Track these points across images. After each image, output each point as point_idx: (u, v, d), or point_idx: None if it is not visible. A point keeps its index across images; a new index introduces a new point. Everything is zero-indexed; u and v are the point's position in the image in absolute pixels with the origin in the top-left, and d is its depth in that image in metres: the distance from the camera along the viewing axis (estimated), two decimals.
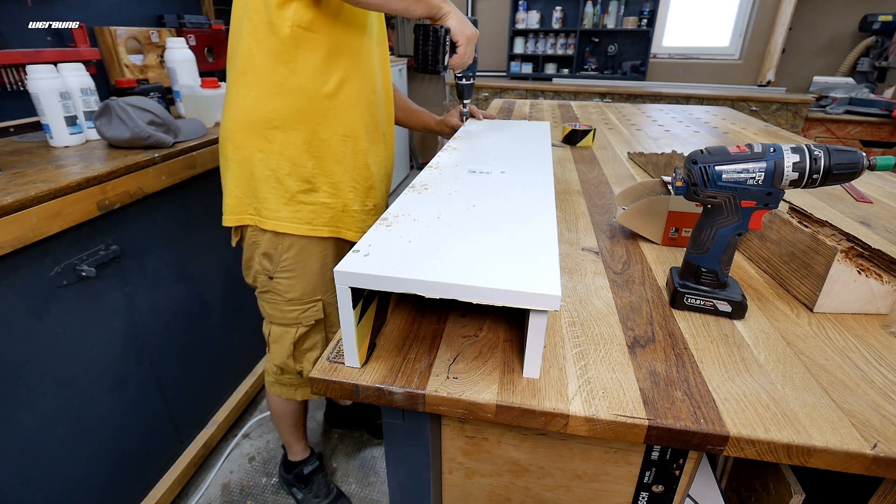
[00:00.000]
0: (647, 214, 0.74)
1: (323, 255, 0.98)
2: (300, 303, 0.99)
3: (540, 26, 3.76)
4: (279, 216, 0.90)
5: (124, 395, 1.11)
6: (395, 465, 0.56)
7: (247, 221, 0.93)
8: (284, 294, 0.98)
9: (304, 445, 1.33)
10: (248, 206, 0.92)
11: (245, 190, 0.91)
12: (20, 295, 0.86)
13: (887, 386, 0.46)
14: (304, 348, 1.06)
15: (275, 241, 0.93)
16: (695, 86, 3.56)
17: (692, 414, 0.42)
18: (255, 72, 0.84)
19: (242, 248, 0.99)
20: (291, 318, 1.01)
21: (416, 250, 0.47)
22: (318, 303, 1.01)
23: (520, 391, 0.44)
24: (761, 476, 0.64)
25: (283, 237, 0.93)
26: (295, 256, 0.95)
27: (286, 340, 1.03)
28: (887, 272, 0.56)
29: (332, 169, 0.91)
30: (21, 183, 0.89)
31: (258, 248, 0.95)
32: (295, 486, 1.32)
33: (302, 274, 0.96)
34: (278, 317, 1.01)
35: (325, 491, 1.32)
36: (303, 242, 0.94)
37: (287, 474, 1.33)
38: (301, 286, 0.97)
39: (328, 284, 1.02)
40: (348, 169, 0.93)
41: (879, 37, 3.11)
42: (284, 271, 0.96)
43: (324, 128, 0.88)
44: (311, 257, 0.96)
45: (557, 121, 1.78)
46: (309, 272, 0.97)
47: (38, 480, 0.93)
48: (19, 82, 1.27)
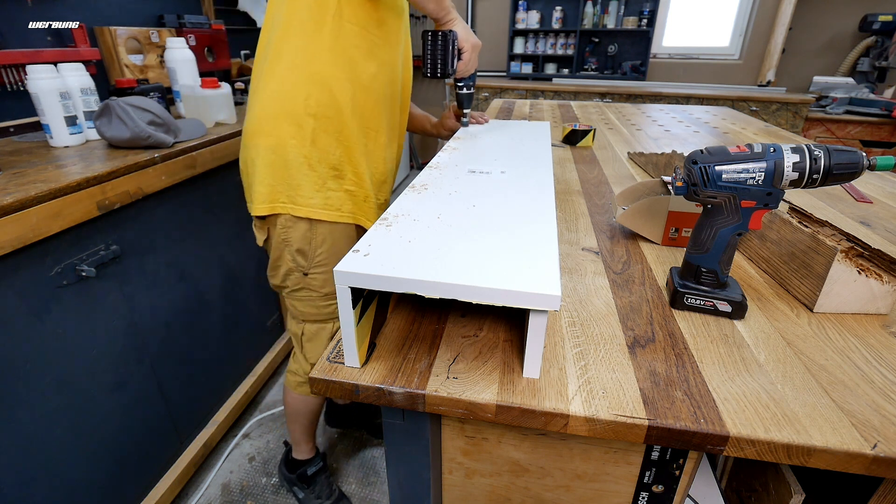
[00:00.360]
0: (647, 214, 0.74)
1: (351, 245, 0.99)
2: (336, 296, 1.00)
3: (540, 26, 3.76)
4: (312, 203, 0.91)
5: (124, 395, 1.11)
6: (395, 465, 0.56)
7: (280, 210, 0.91)
8: (320, 289, 0.98)
9: (312, 445, 1.32)
10: (280, 194, 0.91)
11: (278, 177, 0.90)
12: (20, 295, 0.86)
13: (887, 386, 0.46)
14: None
15: (308, 234, 0.93)
16: (695, 86, 3.56)
17: (692, 414, 0.42)
18: (292, 59, 0.85)
19: (268, 248, 0.99)
20: (328, 314, 1.01)
21: (416, 250, 0.47)
22: None
23: (520, 391, 0.44)
24: (761, 476, 0.64)
25: (317, 229, 0.93)
26: (329, 249, 0.95)
27: (323, 336, 1.02)
28: (887, 272, 0.56)
29: (357, 159, 0.93)
30: (21, 183, 0.89)
31: (289, 245, 0.94)
32: (297, 485, 1.31)
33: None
34: (313, 314, 1.01)
35: (328, 492, 1.31)
36: (335, 234, 0.95)
37: (290, 473, 1.32)
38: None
39: None
40: (369, 161, 0.96)
41: (879, 37, 3.11)
42: (319, 266, 0.96)
43: (353, 118, 0.90)
44: (343, 248, 0.96)
45: (557, 121, 1.78)
46: None
47: (38, 480, 0.93)
48: (19, 82, 1.27)
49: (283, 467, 1.36)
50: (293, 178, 0.89)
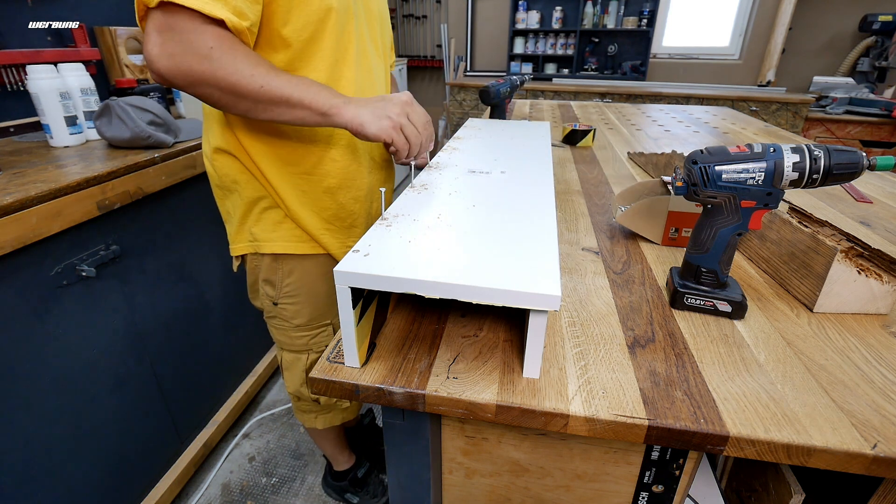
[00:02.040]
0: (647, 214, 0.74)
1: (330, 275, 0.91)
2: (308, 328, 0.94)
3: (540, 26, 3.76)
4: (274, 237, 0.84)
5: (124, 395, 1.11)
6: (395, 465, 0.56)
7: (246, 250, 0.87)
8: (291, 320, 0.93)
9: (349, 452, 1.29)
10: (245, 234, 0.86)
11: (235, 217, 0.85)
12: (20, 295, 0.86)
13: (887, 386, 0.46)
14: None
15: (274, 265, 0.87)
16: (695, 86, 3.56)
17: (692, 414, 0.42)
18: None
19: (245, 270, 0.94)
20: (301, 345, 0.96)
21: (416, 250, 0.47)
22: (328, 327, 0.95)
23: (520, 391, 0.44)
24: (761, 476, 0.64)
25: (282, 261, 0.86)
26: (298, 280, 0.89)
27: (298, 368, 0.98)
28: (887, 272, 0.56)
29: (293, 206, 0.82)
30: (21, 183, 0.89)
31: (259, 273, 0.89)
32: (349, 490, 1.29)
33: (308, 298, 0.91)
34: (287, 343, 0.96)
35: (382, 490, 1.30)
36: (305, 265, 0.88)
37: (337, 482, 1.30)
38: (308, 311, 0.92)
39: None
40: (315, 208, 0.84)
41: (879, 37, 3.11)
42: (288, 297, 0.90)
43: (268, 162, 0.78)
44: (317, 280, 0.90)
45: (557, 121, 1.78)
46: (316, 295, 0.91)
47: (38, 480, 0.93)
48: (19, 82, 1.27)
49: (328, 481, 1.33)
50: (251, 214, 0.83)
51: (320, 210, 0.84)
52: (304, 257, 0.87)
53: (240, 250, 0.87)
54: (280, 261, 0.86)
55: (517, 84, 1.53)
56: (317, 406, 1.04)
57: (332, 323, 0.96)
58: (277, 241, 0.84)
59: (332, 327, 0.96)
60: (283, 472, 1.43)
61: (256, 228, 0.84)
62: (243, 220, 0.84)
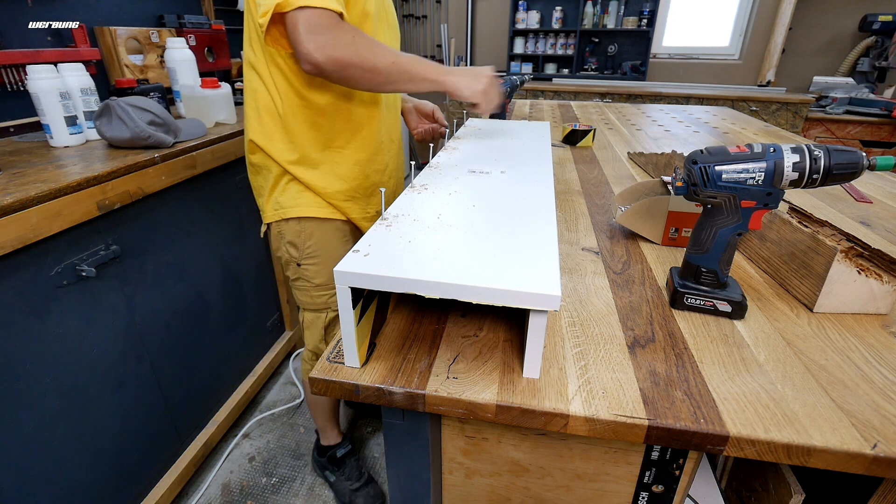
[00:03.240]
0: (647, 214, 0.74)
1: (345, 239, 1.03)
2: (328, 287, 1.04)
3: (540, 26, 3.76)
4: (299, 202, 0.96)
5: (124, 395, 1.11)
6: (395, 465, 0.56)
7: (274, 217, 0.98)
8: (312, 280, 1.03)
9: (338, 431, 1.38)
10: (273, 203, 0.98)
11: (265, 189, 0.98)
12: (20, 295, 0.86)
13: (887, 386, 0.46)
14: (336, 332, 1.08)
15: (297, 228, 0.98)
16: (695, 86, 3.56)
17: (692, 414, 0.42)
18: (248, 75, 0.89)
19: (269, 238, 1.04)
20: (321, 303, 1.06)
21: (416, 250, 0.47)
22: None
23: (520, 391, 0.44)
24: (761, 476, 0.64)
25: (305, 224, 0.97)
26: (317, 242, 0.99)
27: (318, 325, 1.08)
28: (887, 272, 0.56)
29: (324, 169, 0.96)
30: (21, 183, 0.89)
31: (283, 237, 0.99)
32: (328, 468, 1.37)
33: (326, 258, 1.01)
34: (309, 303, 1.06)
35: (357, 475, 1.36)
36: (323, 229, 0.99)
37: (320, 457, 1.39)
38: (327, 271, 1.02)
39: None
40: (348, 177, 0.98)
41: (879, 37, 3.11)
42: (310, 258, 1.00)
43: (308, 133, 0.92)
44: (334, 241, 1.01)
45: (557, 121, 1.78)
46: (333, 257, 1.00)
47: (38, 480, 0.92)
48: (19, 82, 1.27)
49: (314, 454, 1.42)
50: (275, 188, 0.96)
51: (350, 180, 0.98)
52: (324, 221, 0.99)
53: (269, 217, 0.99)
54: (303, 223, 0.97)
55: (517, 84, 1.53)
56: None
57: None
58: (301, 205, 0.96)
59: None
60: (283, 472, 1.43)
61: (283, 198, 0.96)
62: (271, 192, 0.97)
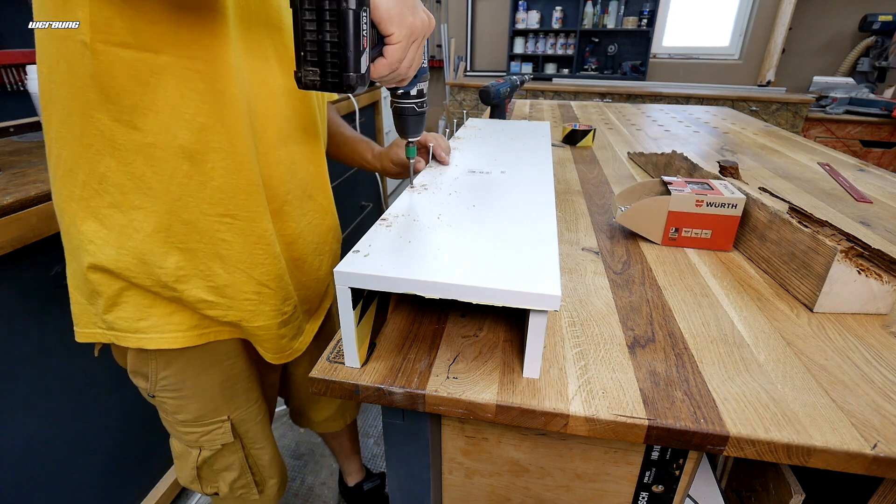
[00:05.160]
0: (647, 214, 0.74)
1: (226, 365, 0.71)
2: (197, 424, 0.74)
3: (540, 26, 3.76)
4: (141, 326, 0.62)
5: (124, 395, 1.11)
6: (395, 465, 0.56)
7: (99, 339, 0.65)
8: (174, 415, 0.72)
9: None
10: (95, 318, 0.63)
11: (86, 294, 0.62)
12: (20, 295, 0.86)
13: (887, 386, 0.46)
14: (216, 469, 0.80)
15: (143, 357, 0.66)
16: (695, 86, 3.56)
17: (692, 414, 0.42)
18: (64, 117, 0.53)
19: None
20: (190, 441, 0.76)
21: (416, 250, 0.47)
22: (224, 423, 0.74)
23: (520, 391, 0.44)
24: (761, 476, 0.64)
25: (154, 354, 0.66)
26: (178, 373, 0.68)
27: (188, 461, 0.78)
28: (887, 272, 0.56)
29: (210, 268, 0.61)
30: (21, 183, 0.89)
31: (125, 362, 0.70)
32: None
33: (194, 393, 0.70)
34: (175, 434, 0.77)
35: None
36: (188, 355, 0.67)
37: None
38: (195, 406, 0.72)
39: (241, 398, 0.75)
40: (242, 266, 0.62)
41: (879, 37, 3.11)
42: (166, 390, 0.69)
43: (187, 204, 0.57)
44: (208, 369, 0.69)
45: (557, 121, 1.78)
46: (205, 389, 0.71)
47: (37, 480, 0.93)
48: (19, 82, 1.27)
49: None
50: (105, 297, 0.60)
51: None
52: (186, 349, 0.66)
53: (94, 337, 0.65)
54: (150, 352, 0.66)
55: (517, 84, 1.53)
56: (217, 497, 0.85)
57: (231, 418, 0.75)
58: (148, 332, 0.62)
59: (229, 423, 0.75)
60: None
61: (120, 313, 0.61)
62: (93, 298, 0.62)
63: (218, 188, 0.58)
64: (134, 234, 0.57)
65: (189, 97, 0.53)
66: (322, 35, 0.41)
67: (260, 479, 0.87)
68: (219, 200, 0.58)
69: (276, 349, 0.71)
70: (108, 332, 0.63)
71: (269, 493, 0.89)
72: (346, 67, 0.42)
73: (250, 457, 0.83)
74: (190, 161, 0.55)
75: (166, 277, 0.59)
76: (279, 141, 0.64)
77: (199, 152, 0.55)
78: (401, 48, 0.47)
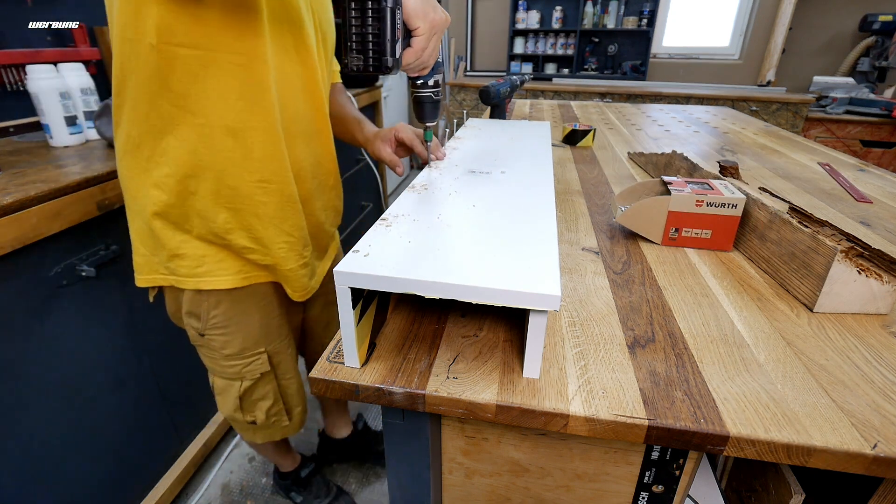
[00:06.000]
0: (647, 214, 0.74)
1: (263, 304, 0.86)
2: (240, 357, 0.87)
3: (540, 26, 3.76)
4: (199, 271, 0.76)
5: (124, 395, 1.11)
6: (395, 465, 0.56)
7: (160, 283, 0.79)
8: (220, 350, 0.86)
9: (293, 456, 1.31)
10: (158, 266, 0.77)
11: (150, 247, 0.76)
12: (20, 295, 0.86)
13: (887, 386, 0.46)
14: (254, 399, 0.94)
15: (197, 298, 0.79)
16: (695, 86, 3.56)
17: (692, 414, 0.42)
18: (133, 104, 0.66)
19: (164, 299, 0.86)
20: (233, 373, 0.89)
21: (416, 250, 0.47)
22: (262, 355, 0.89)
23: (520, 391, 0.44)
24: (761, 476, 0.64)
25: (208, 294, 0.79)
26: (226, 311, 0.81)
27: (230, 394, 0.91)
28: (887, 272, 0.56)
29: (251, 223, 0.75)
30: (21, 183, 0.89)
31: (181, 305, 0.82)
32: (293, 490, 1.32)
33: (238, 329, 0.84)
34: (218, 370, 0.90)
35: (325, 490, 1.32)
36: (235, 296, 0.81)
37: (282, 480, 1.33)
38: (238, 341, 0.85)
39: (275, 332, 0.90)
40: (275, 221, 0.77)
41: (879, 37, 3.11)
42: (216, 328, 0.83)
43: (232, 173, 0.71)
44: (249, 309, 0.84)
45: (557, 121, 1.78)
46: (248, 325, 0.85)
47: (37, 480, 0.93)
48: (19, 82, 1.27)
49: (275, 477, 1.36)
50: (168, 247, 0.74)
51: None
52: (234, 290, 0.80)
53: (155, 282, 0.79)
54: (204, 293, 0.79)
55: (517, 84, 1.53)
56: (254, 426, 0.99)
57: (267, 350, 0.90)
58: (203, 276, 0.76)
59: (266, 354, 0.90)
60: None
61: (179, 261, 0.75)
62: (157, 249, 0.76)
63: (256, 159, 0.72)
64: (190, 196, 0.71)
65: (232, 86, 0.66)
66: (365, 28, 0.52)
67: (289, 407, 1.01)
68: (256, 169, 0.72)
69: (300, 287, 0.86)
70: (169, 277, 0.78)
71: (295, 420, 1.04)
72: (384, 52, 0.53)
73: (281, 387, 0.97)
74: (233, 137, 0.69)
75: (217, 229, 0.74)
76: (297, 119, 0.77)
77: (241, 130, 0.69)
78: (425, 39, 0.58)
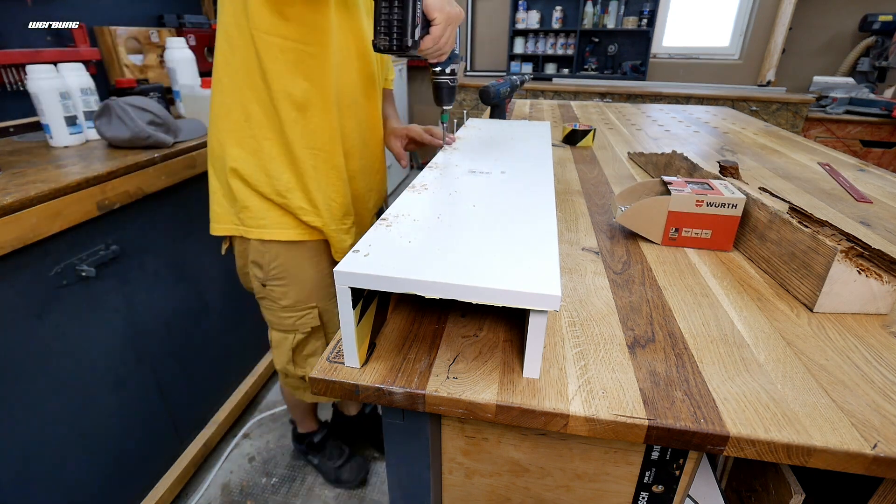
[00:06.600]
0: (647, 214, 0.74)
1: (316, 260, 0.96)
2: (294, 310, 0.98)
3: (540, 26, 3.76)
4: (263, 223, 0.89)
5: (124, 395, 1.11)
6: (395, 465, 0.56)
7: (231, 232, 0.91)
8: (279, 301, 0.97)
9: (313, 421, 1.41)
10: (232, 216, 0.90)
11: (228, 198, 0.89)
12: (20, 295, 0.86)
13: (887, 386, 0.46)
14: (305, 354, 1.05)
15: (261, 248, 0.91)
16: (695, 86, 3.55)
17: (692, 414, 0.42)
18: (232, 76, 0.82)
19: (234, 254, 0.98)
20: (288, 325, 1.00)
21: (416, 250, 0.47)
22: (314, 310, 0.99)
23: (520, 391, 0.44)
24: (761, 476, 0.64)
25: (269, 245, 0.90)
26: (284, 264, 0.93)
27: (285, 346, 1.02)
28: (887, 272, 0.56)
29: (307, 185, 0.87)
30: (21, 183, 0.89)
31: (248, 255, 0.94)
32: (310, 453, 1.42)
33: (294, 281, 0.95)
34: (276, 322, 1.01)
35: (339, 453, 1.40)
36: (291, 250, 0.92)
37: (299, 444, 1.43)
38: (294, 293, 0.96)
39: (325, 291, 1.00)
40: (322, 186, 0.89)
41: (879, 37, 3.11)
42: (275, 279, 0.94)
43: (294, 140, 0.84)
44: (303, 263, 0.94)
45: (557, 121, 1.78)
46: (302, 279, 0.95)
47: (37, 480, 0.93)
48: (19, 82, 1.27)
49: (294, 443, 1.47)
50: (240, 199, 0.87)
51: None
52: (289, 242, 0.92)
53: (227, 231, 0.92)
54: (267, 244, 0.91)
55: (517, 84, 1.53)
56: (303, 383, 1.09)
57: (318, 306, 1.00)
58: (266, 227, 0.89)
59: (317, 311, 1.00)
60: (283, 472, 1.43)
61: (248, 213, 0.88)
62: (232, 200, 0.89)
63: (313, 131, 0.85)
64: (263, 155, 0.84)
65: (300, 68, 0.80)
66: (391, 15, 0.65)
67: None
68: (312, 139, 0.85)
69: (340, 250, 0.96)
70: (239, 227, 0.90)
71: None
72: (405, 35, 0.66)
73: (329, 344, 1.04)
74: (298, 110, 0.82)
75: (280, 187, 0.86)
76: (351, 99, 0.91)
77: (304, 105, 0.82)
78: (441, 28, 0.69)
